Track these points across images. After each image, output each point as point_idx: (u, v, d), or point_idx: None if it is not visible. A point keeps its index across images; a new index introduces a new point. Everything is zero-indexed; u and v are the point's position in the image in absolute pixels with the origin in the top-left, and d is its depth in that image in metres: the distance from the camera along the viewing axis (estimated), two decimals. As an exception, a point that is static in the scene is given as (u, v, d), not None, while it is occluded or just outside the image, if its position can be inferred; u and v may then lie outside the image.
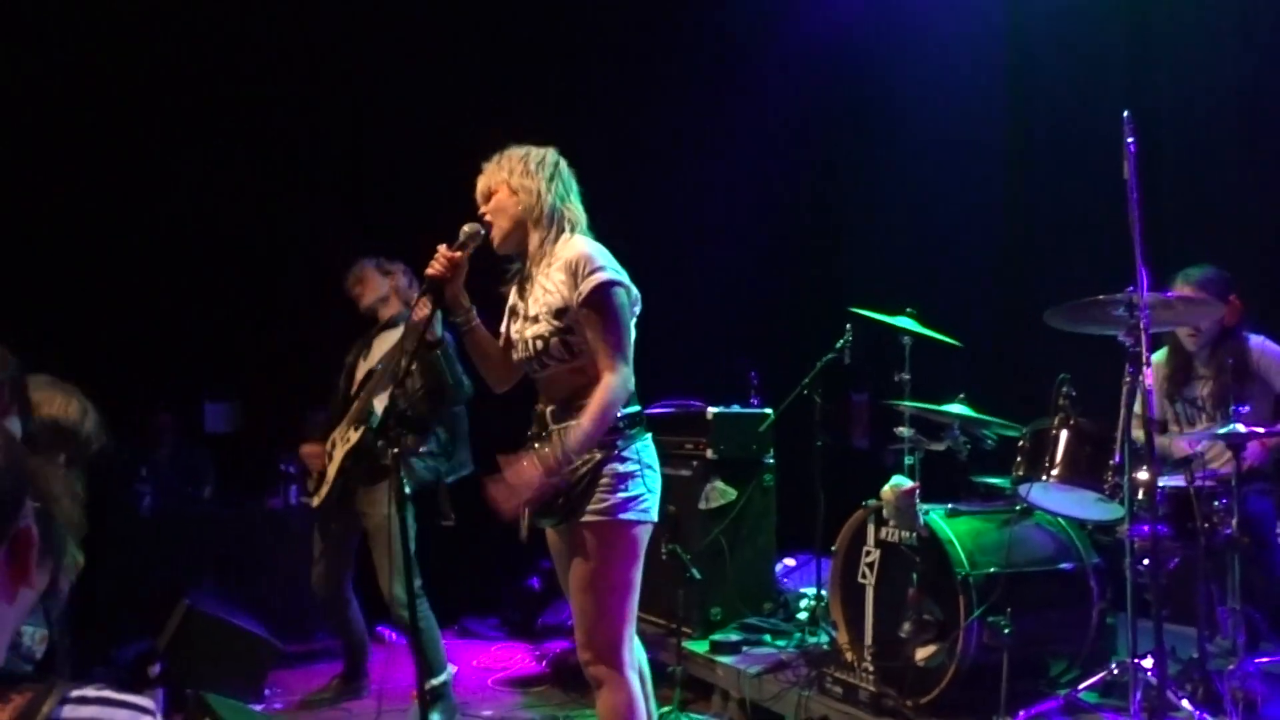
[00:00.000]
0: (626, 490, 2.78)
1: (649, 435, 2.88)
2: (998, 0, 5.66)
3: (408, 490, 4.28)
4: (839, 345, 4.87)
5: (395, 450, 2.83)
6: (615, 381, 2.75)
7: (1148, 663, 3.27)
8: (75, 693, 1.00)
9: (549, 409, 2.89)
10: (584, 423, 2.74)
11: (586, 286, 2.77)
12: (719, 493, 4.90)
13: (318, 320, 5.35)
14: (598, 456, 2.76)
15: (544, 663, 5.27)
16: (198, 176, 5.96)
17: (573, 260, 2.80)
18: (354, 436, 4.34)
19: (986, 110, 5.74)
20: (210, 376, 6.22)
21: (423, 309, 3.71)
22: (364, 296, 4.62)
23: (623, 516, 2.77)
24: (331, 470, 4.38)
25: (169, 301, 5.94)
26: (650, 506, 2.83)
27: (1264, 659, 3.48)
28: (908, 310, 4.50)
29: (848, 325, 4.82)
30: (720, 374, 5.50)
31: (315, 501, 4.43)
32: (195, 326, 6.01)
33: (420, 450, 4.36)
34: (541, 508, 2.83)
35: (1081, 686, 3.53)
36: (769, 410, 5.15)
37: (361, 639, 4.65)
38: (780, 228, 6.66)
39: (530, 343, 2.87)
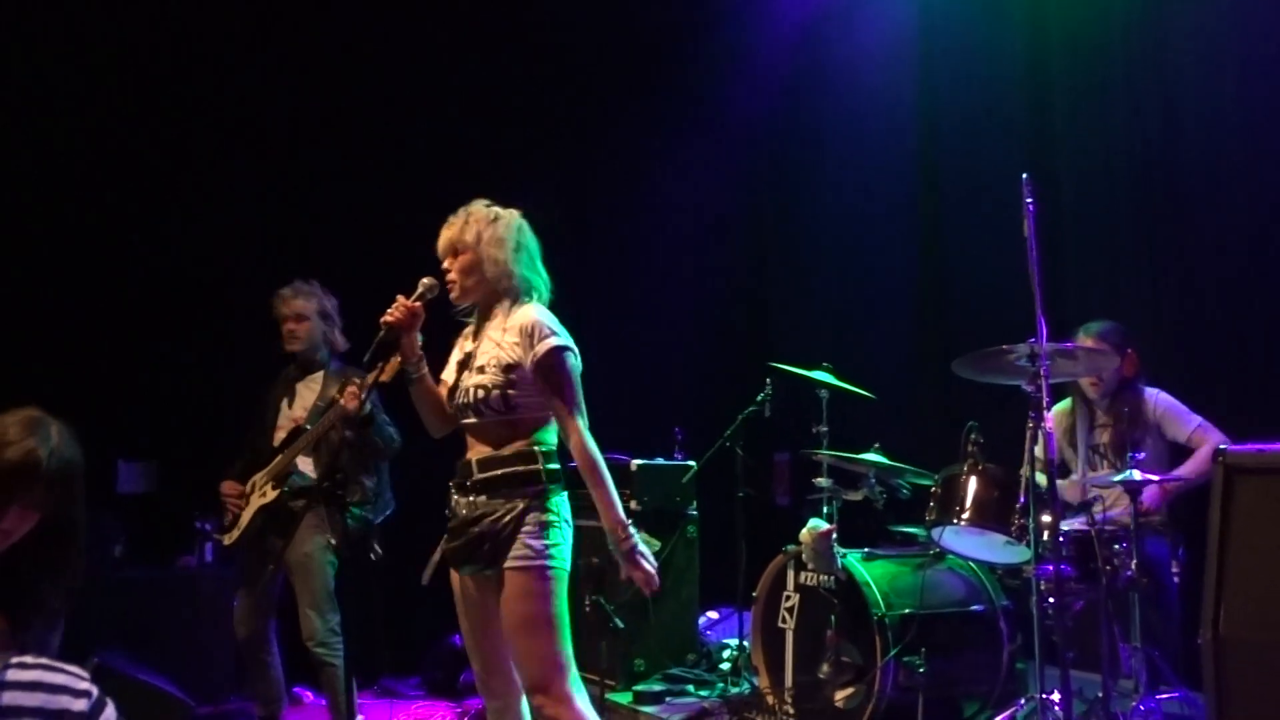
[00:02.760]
0: (549, 539, 2.92)
1: (566, 493, 3.02)
2: (910, 73, 5.93)
3: (334, 544, 4.30)
4: (760, 399, 4.99)
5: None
6: (586, 434, 2.94)
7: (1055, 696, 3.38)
8: (18, 659, 1.04)
9: (475, 458, 2.99)
10: (596, 488, 2.91)
11: (542, 349, 2.94)
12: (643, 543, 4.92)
13: (237, 376, 5.29)
14: (520, 506, 2.91)
15: (466, 720, 5.21)
16: (114, 231, 5.86)
17: (527, 326, 2.98)
18: (271, 495, 4.30)
19: (899, 174, 5.99)
20: (125, 435, 6.07)
21: (354, 400, 3.79)
22: (300, 337, 4.43)
23: (546, 562, 2.91)
24: (246, 516, 4.34)
25: (83, 358, 5.79)
26: (567, 556, 2.97)
27: (1164, 696, 3.62)
28: (824, 364, 4.63)
29: (768, 380, 4.95)
30: (645, 429, 5.58)
31: (227, 540, 4.40)
32: (109, 384, 5.86)
33: (348, 504, 4.33)
34: (466, 554, 2.95)
35: (992, 724, 3.63)
36: (692, 463, 5.23)
37: (278, 694, 4.55)
38: (704, 287, 6.82)
39: (472, 391, 2.98)
